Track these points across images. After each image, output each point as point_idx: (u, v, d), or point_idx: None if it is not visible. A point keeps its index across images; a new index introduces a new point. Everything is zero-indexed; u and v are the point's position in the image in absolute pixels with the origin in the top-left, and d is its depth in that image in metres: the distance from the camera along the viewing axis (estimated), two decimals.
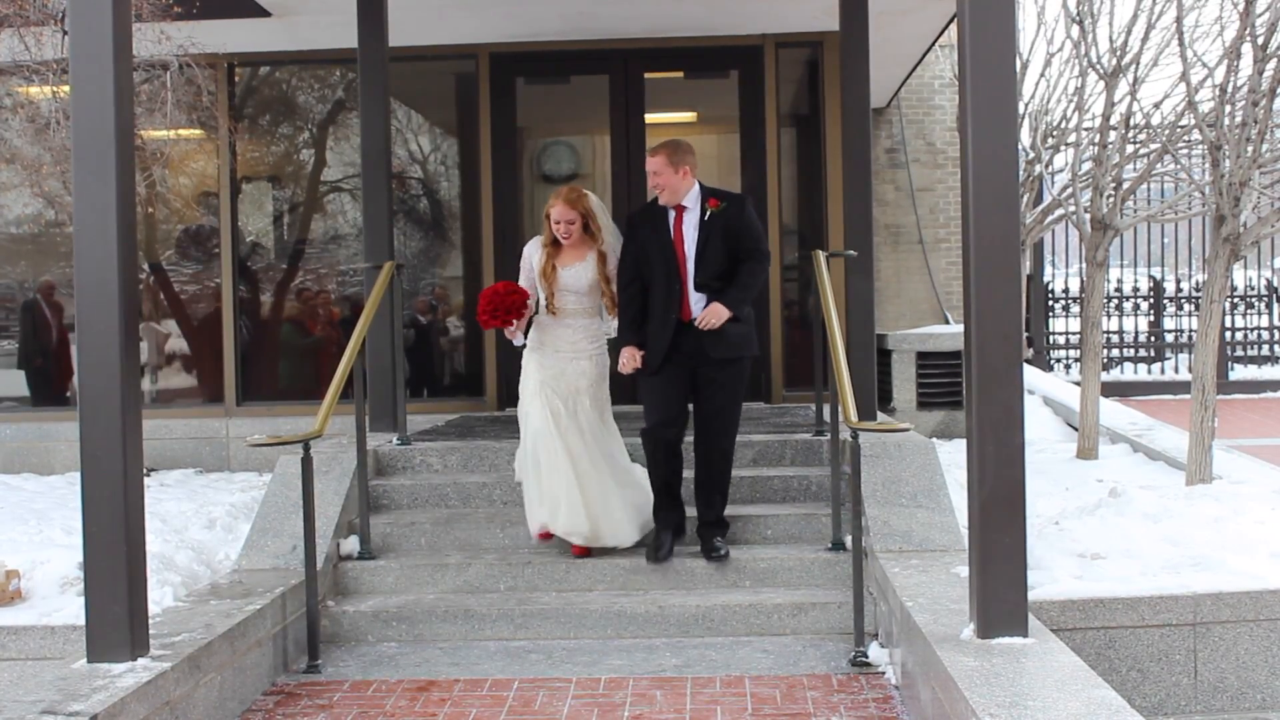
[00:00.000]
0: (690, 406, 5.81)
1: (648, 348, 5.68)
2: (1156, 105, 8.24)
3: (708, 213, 5.64)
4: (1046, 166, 9.32)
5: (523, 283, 5.94)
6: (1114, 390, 13.02)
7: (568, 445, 5.76)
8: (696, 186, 5.71)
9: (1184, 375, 14.00)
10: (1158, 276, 15.22)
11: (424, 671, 5.17)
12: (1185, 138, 8.06)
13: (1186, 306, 14.97)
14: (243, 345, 9.42)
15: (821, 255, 6.42)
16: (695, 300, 5.64)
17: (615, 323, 5.87)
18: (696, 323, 5.58)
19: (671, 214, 5.70)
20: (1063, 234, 15.45)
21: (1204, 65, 7.36)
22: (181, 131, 8.60)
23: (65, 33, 5.68)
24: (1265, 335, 15.38)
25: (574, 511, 5.74)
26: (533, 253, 5.99)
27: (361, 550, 5.96)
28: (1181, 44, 7.12)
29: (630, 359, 5.69)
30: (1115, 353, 14.79)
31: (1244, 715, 5.03)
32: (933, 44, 10.05)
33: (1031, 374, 11.06)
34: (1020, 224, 4.83)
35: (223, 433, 9.19)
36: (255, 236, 9.73)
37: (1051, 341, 14.84)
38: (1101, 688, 3.66)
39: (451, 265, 9.71)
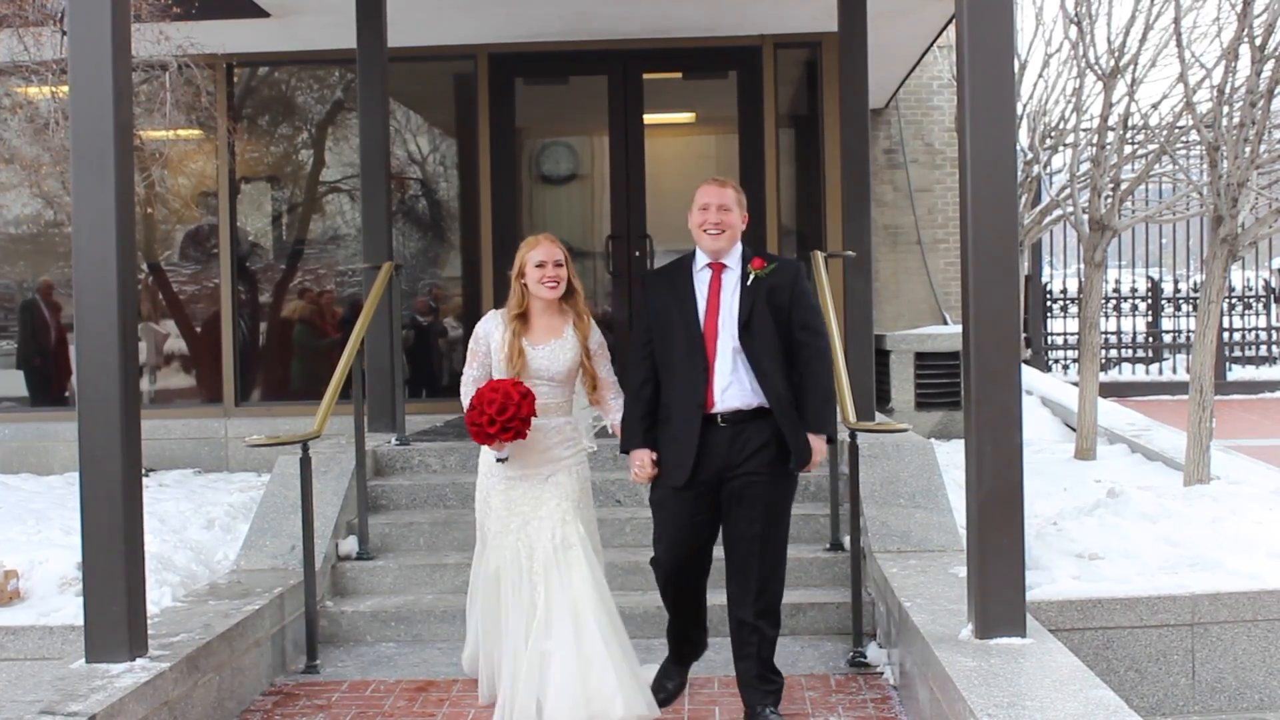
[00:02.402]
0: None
1: (665, 452, 4.32)
2: (1154, 106, 8.25)
3: (750, 275, 4.28)
4: (1045, 167, 9.33)
5: (475, 370, 4.56)
6: (1112, 391, 13.03)
7: (555, 610, 4.34)
8: (739, 241, 4.40)
9: (1182, 376, 14.01)
10: (1156, 277, 15.26)
11: (422, 672, 5.17)
12: (1183, 138, 8.07)
13: (1184, 307, 14.98)
14: (241, 345, 9.43)
15: (820, 256, 6.44)
16: (721, 386, 4.24)
17: (610, 415, 4.60)
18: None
19: (706, 273, 4.34)
20: (1061, 234, 15.50)
21: (1202, 66, 7.37)
22: (180, 132, 8.60)
23: (64, 33, 5.66)
24: (1263, 336, 15.40)
25: (573, 695, 4.27)
26: (492, 330, 4.53)
27: (360, 550, 5.96)
28: (1179, 45, 7.13)
29: (644, 466, 4.35)
30: (1113, 353, 14.80)
31: (1241, 715, 5.03)
32: (931, 45, 10.07)
33: (1030, 374, 11.06)
34: (1018, 224, 4.84)
35: (221, 433, 9.19)
36: (254, 237, 9.73)
37: (1050, 342, 14.85)
38: (1099, 688, 3.67)
39: (450, 266, 9.72)
